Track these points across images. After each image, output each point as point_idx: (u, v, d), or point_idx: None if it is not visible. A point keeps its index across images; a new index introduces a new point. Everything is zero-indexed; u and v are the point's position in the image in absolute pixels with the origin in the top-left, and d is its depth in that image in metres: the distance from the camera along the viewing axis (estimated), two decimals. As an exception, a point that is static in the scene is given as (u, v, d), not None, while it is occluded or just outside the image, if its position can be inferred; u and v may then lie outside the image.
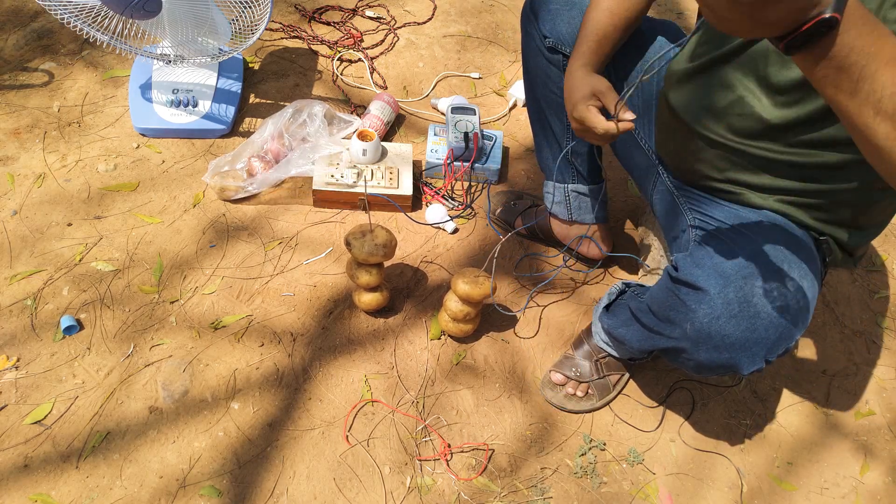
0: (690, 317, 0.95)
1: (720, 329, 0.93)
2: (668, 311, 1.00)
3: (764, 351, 0.95)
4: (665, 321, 1.02)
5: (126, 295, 1.40)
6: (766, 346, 0.94)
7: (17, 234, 1.47)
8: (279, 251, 1.51)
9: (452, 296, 1.33)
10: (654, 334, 1.07)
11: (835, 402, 1.42)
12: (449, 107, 1.71)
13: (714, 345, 0.95)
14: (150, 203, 1.56)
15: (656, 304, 1.04)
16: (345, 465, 1.23)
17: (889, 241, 1.73)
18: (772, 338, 0.93)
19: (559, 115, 1.35)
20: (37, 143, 1.63)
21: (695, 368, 1.03)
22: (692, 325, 0.96)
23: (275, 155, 1.59)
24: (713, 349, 0.95)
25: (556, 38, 1.26)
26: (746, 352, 0.94)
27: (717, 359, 0.96)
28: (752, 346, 0.94)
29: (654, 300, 1.05)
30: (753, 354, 0.95)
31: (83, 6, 1.43)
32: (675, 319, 0.99)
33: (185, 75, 1.70)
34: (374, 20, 2.08)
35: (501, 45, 2.06)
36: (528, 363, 1.41)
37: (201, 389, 1.29)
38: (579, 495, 1.24)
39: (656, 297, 1.04)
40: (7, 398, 1.25)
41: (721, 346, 0.94)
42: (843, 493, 1.30)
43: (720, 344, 0.94)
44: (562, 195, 1.45)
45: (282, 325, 1.40)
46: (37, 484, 1.16)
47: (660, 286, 1.04)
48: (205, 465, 1.21)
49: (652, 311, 1.06)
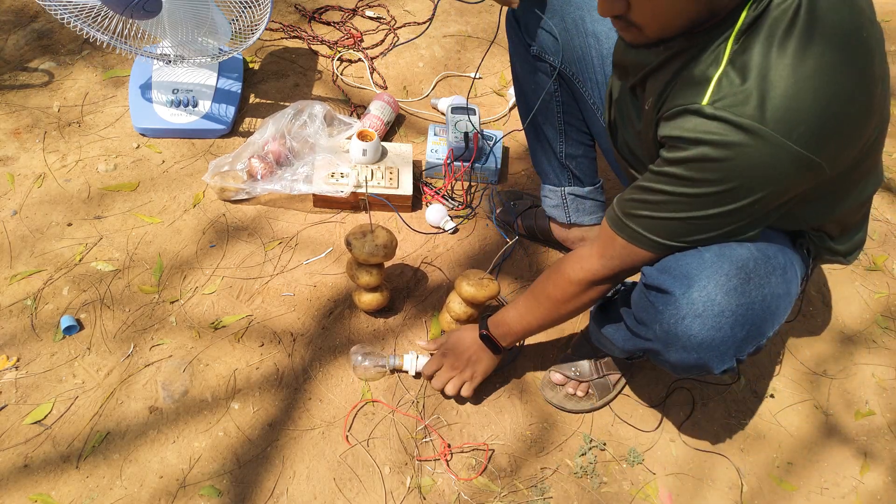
0: (658, 318, 0.96)
1: (686, 329, 0.93)
2: (641, 314, 1.01)
3: (733, 350, 0.95)
4: (640, 323, 1.03)
5: (126, 295, 1.40)
6: (733, 344, 0.94)
7: (17, 234, 1.47)
8: (279, 251, 1.51)
9: (456, 297, 1.32)
10: (634, 335, 1.07)
11: (835, 402, 1.42)
12: (449, 107, 1.71)
13: (682, 345, 0.95)
14: (150, 203, 1.56)
15: (634, 306, 1.05)
16: (345, 465, 1.23)
17: (889, 242, 1.73)
18: (739, 336, 0.93)
19: (551, 120, 1.35)
20: (37, 143, 1.63)
21: (671, 369, 1.04)
22: (660, 327, 0.96)
23: (275, 156, 1.59)
24: (682, 350, 0.95)
25: (539, 47, 1.27)
26: (714, 351, 0.94)
27: (687, 359, 0.96)
28: (720, 345, 0.94)
29: (633, 303, 1.06)
30: (722, 353, 0.95)
31: (83, 6, 1.43)
32: (647, 321, 1.00)
33: (185, 75, 1.70)
34: (374, 20, 2.08)
35: (501, 45, 2.06)
36: (528, 363, 1.41)
37: (201, 389, 1.29)
38: (579, 495, 1.24)
39: (634, 300, 1.05)
40: (7, 398, 1.25)
41: (689, 347, 0.94)
42: (843, 493, 1.30)
43: (688, 344, 0.94)
44: (559, 198, 1.45)
45: (282, 325, 1.40)
46: (37, 484, 1.16)
47: (636, 290, 1.05)
48: (205, 465, 1.21)
49: (632, 313, 1.07)
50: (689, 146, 0.84)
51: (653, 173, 0.91)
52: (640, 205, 0.94)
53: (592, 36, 1.23)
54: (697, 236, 0.92)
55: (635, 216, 0.95)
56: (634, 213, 0.95)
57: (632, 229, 0.96)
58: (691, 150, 0.84)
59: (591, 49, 1.24)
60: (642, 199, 0.93)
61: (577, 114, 1.35)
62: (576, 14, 1.23)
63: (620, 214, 0.97)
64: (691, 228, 0.92)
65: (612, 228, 0.99)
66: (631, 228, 0.96)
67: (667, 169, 0.88)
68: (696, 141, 0.83)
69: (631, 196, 0.95)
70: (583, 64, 1.26)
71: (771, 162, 0.81)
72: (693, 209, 0.89)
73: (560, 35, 1.24)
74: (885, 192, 1.84)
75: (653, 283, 0.96)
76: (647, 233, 0.95)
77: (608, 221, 1.00)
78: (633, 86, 1.01)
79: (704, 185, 0.85)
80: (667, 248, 0.95)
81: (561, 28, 1.23)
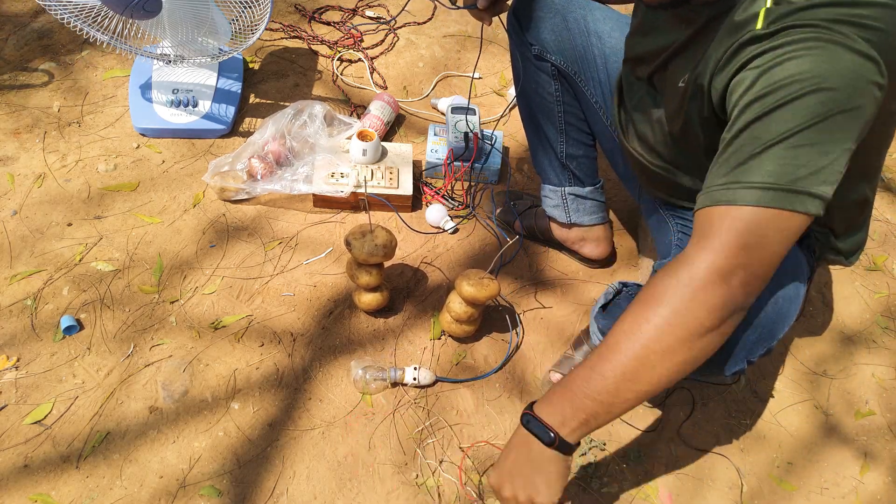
0: None
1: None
2: None
3: (744, 352, 0.95)
4: None
5: (126, 295, 1.40)
6: (745, 347, 0.94)
7: (17, 234, 1.47)
8: (279, 251, 1.51)
9: (456, 297, 1.32)
10: None
11: (835, 402, 1.42)
12: (449, 107, 1.71)
13: None
14: (150, 203, 1.56)
15: None
16: (345, 465, 1.23)
17: (889, 242, 1.73)
18: (750, 339, 0.93)
19: (551, 120, 1.35)
20: (37, 143, 1.63)
21: None
22: None
23: (275, 156, 1.59)
24: None
25: (541, 46, 1.27)
26: (726, 353, 0.94)
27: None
28: (732, 348, 0.93)
29: None
30: (734, 356, 0.94)
31: (83, 6, 1.43)
32: None
33: (185, 75, 1.70)
34: (374, 20, 2.08)
35: (501, 45, 2.06)
36: (528, 363, 1.41)
37: (201, 389, 1.29)
38: (579, 495, 1.24)
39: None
40: (7, 398, 1.25)
41: None
42: (843, 493, 1.30)
43: None
44: (559, 198, 1.45)
45: (282, 325, 1.40)
46: (37, 484, 1.16)
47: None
48: (205, 465, 1.20)
49: None
50: (768, 65, 0.76)
51: (739, 127, 0.80)
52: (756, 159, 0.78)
53: (595, 35, 1.23)
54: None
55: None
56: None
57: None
58: (771, 72, 0.76)
59: (594, 48, 1.23)
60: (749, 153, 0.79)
61: (579, 113, 1.35)
62: (578, 13, 1.23)
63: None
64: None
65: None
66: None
67: (753, 106, 0.78)
68: (768, 62, 0.76)
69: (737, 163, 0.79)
70: (584, 63, 1.26)
71: (846, 59, 0.74)
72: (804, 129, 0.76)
73: (562, 34, 1.24)
74: (885, 192, 1.84)
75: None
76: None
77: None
78: (651, 74, 1.00)
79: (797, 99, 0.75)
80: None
81: (563, 27, 1.23)
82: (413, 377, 1.31)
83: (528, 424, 0.89)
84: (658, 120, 1.02)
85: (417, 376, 1.31)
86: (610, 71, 1.25)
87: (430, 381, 1.33)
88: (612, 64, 1.25)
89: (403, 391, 1.33)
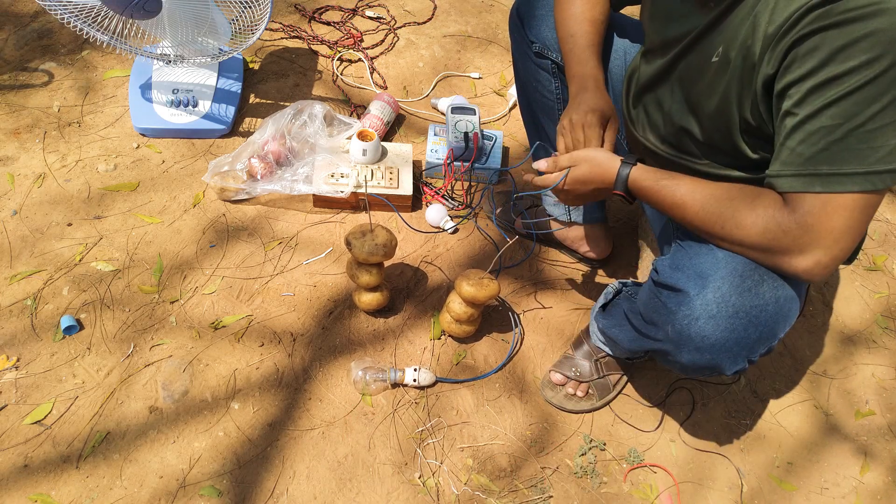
0: (671, 319, 0.95)
1: (699, 330, 0.93)
2: (651, 314, 1.01)
3: (745, 351, 0.95)
4: (650, 323, 1.02)
5: (126, 295, 1.40)
6: (746, 345, 0.94)
7: (17, 234, 1.47)
8: (279, 251, 1.51)
9: (456, 297, 1.32)
10: (642, 336, 1.07)
11: (835, 402, 1.42)
12: (449, 107, 1.71)
13: (695, 346, 0.94)
14: (150, 203, 1.56)
15: (642, 306, 1.04)
16: (345, 465, 1.23)
17: (889, 242, 1.73)
18: (752, 337, 0.93)
19: (552, 118, 1.35)
20: (37, 143, 1.63)
21: (681, 370, 1.03)
22: (673, 328, 0.95)
23: (275, 156, 1.59)
24: (694, 350, 0.95)
25: (542, 44, 1.27)
26: (727, 352, 0.94)
27: (699, 360, 0.96)
28: (733, 347, 0.93)
29: (641, 302, 1.05)
30: (735, 355, 0.94)
31: (83, 6, 1.43)
32: (658, 322, 0.99)
33: (185, 75, 1.70)
34: (374, 20, 2.08)
35: (501, 45, 2.06)
36: (528, 363, 1.41)
37: (201, 389, 1.29)
38: (579, 495, 1.24)
39: (642, 300, 1.04)
40: (7, 398, 1.25)
41: (702, 348, 0.94)
42: (843, 494, 1.30)
43: (701, 345, 0.94)
44: None
45: (282, 325, 1.40)
46: (37, 484, 1.16)
47: (645, 289, 1.04)
48: (205, 465, 1.21)
49: (640, 312, 1.06)
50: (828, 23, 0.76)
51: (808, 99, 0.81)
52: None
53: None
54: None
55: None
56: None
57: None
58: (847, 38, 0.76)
59: None
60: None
61: None
62: None
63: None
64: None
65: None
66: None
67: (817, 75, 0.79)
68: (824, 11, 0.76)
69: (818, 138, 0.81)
70: None
71: None
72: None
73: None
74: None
75: (665, 281, 0.96)
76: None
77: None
78: (675, 59, 1.00)
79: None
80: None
81: None
82: (413, 378, 1.31)
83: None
84: (679, 106, 1.02)
85: (417, 377, 1.31)
86: (611, 67, 1.25)
87: (430, 381, 1.33)
88: (614, 60, 1.25)
89: (404, 391, 1.33)
